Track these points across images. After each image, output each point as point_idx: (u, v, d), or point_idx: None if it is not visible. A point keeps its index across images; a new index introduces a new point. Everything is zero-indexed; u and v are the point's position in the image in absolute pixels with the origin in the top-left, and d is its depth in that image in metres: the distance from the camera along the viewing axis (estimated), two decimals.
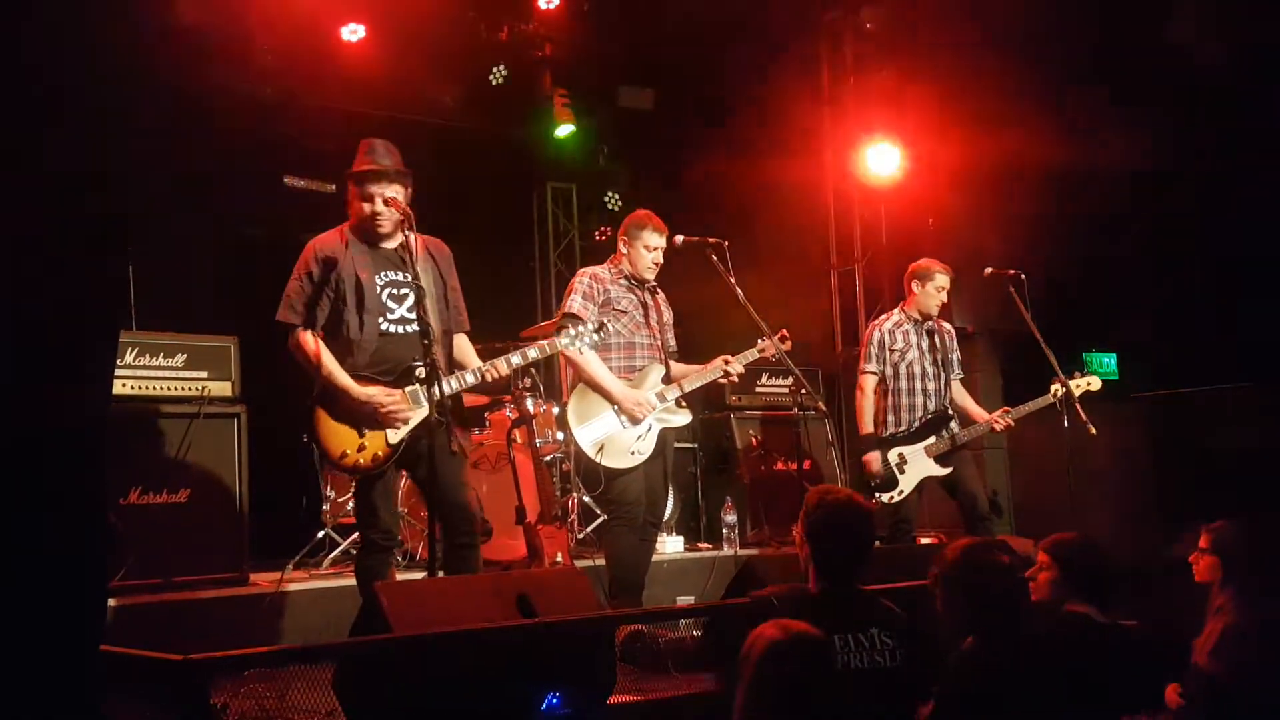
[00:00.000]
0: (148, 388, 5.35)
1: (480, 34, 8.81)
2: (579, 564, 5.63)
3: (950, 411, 6.17)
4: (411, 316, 4.46)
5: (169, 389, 5.39)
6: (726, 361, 5.38)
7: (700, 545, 7.20)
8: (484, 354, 4.74)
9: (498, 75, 8.94)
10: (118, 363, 5.20)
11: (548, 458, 6.83)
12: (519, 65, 9.01)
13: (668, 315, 5.52)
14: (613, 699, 3.87)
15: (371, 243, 4.52)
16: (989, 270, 6.27)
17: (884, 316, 6.40)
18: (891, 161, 8.78)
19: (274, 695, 3.83)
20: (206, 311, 6.46)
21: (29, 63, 2.43)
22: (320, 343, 4.44)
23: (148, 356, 5.38)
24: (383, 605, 3.55)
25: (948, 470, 6.04)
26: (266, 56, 7.82)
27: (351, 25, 8.15)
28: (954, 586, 3.17)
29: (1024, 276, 6.13)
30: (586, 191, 10.50)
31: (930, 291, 6.18)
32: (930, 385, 6.14)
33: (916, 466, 6.03)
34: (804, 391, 5.58)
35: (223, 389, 5.54)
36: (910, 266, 6.34)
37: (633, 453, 5.16)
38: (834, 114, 9.23)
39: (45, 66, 2.46)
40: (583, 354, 5.13)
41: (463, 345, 4.73)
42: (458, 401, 4.56)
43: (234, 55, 7.70)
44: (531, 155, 9.83)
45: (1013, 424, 6.10)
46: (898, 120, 8.72)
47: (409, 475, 4.62)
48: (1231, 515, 4.16)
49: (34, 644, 2.36)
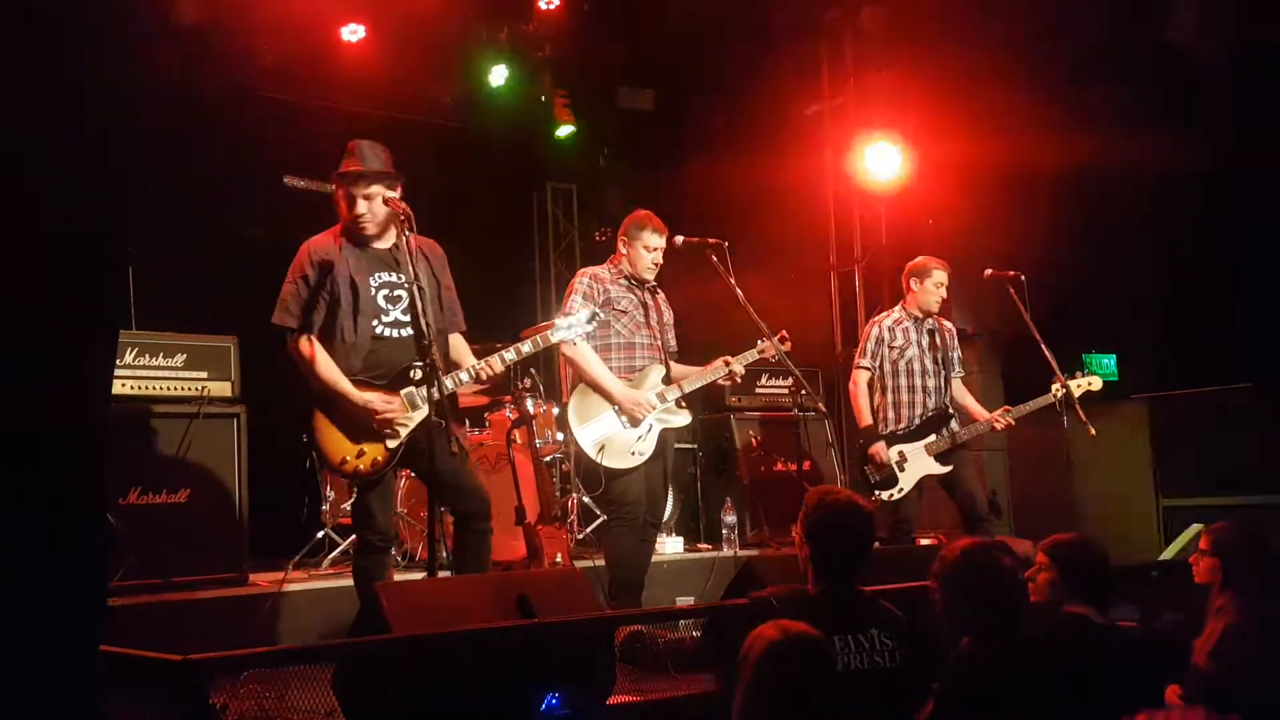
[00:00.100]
0: (147, 388, 5.35)
1: (480, 34, 8.82)
2: (579, 564, 5.63)
3: (950, 410, 6.17)
4: (406, 319, 4.46)
5: (169, 389, 5.40)
6: (727, 362, 5.38)
7: (700, 546, 7.19)
8: (484, 354, 4.73)
9: (498, 76, 8.95)
10: (117, 363, 5.20)
11: (547, 458, 6.83)
12: (519, 66, 9.01)
13: (668, 315, 5.51)
14: (612, 699, 3.87)
15: (364, 244, 4.50)
16: (989, 271, 6.26)
17: (884, 314, 6.41)
18: (891, 162, 8.79)
19: (273, 695, 3.83)
20: (206, 311, 6.45)
21: (29, 63, 2.43)
22: (318, 347, 4.42)
23: (147, 356, 5.38)
24: (382, 605, 3.55)
25: (948, 468, 6.03)
26: (266, 56, 7.82)
27: (352, 25, 8.16)
28: (954, 587, 3.17)
29: (1023, 278, 6.13)
30: (587, 192, 10.49)
31: (929, 288, 6.18)
32: (930, 383, 6.14)
33: (916, 464, 6.03)
34: (804, 392, 5.58)
35: (222, 389, 5.54)
36: (907, 265, 6.34)
37: (633, 453, 5.16)
38: (834, 115, 9.23)
39: (46, 67, 2.46)
40: (580, 350, 5.13)
41: (458, 345, 4.72)
42: (453, 401, 4.56)
43: (234, 55, 7.71)
44: (532, 156, 9.83)
45: (1013, 423, 6.09)
46: (898, 121, 8.72)
47: (414, 472, 4.61)
48: (1232, 517, 4.17)
49: (34, 644, 2.36)
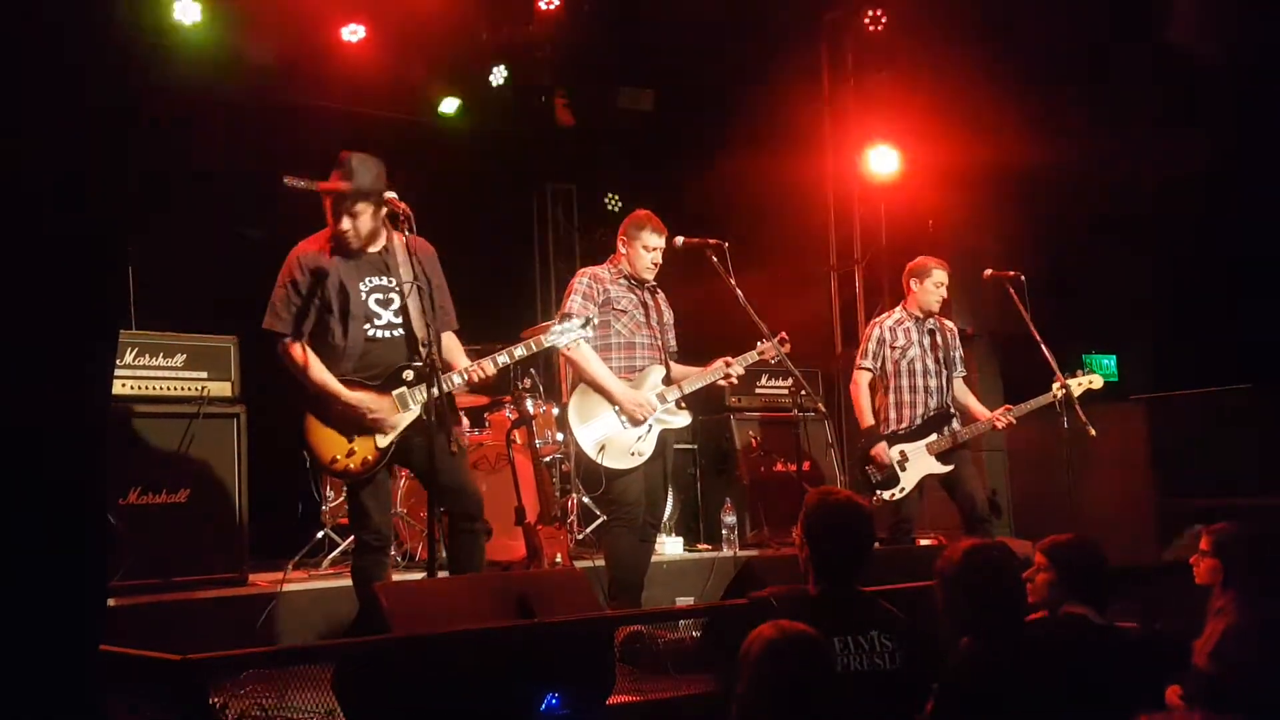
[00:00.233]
0: (147, 387, 5.35)
1: (480, 35, 8.81)
2: (578, 565, 5.62)
3: (952, 409, 6.16)
4: (398, 321, 4.48)
5: (168, 389, 5.39)
6: (728, 363, 5.38)
7: (700, 546, 7.19)
8: (482, 355, 4.73)
9: (498, 76, 8.95)
10: (117, 362, 5.20)
11: (547, 458, 6.83)
12: (519, 66, 9.01)
13: (668, 315, 5.51)
14: (612, 699, 3.87)
15: (352, 251, 4.52)
16: (989, 272, 6.26)
17: (885, 314, 6.41)
18: (891, 163, 8.80)
19: (273, 695, 3.83)
20: (206, 311, 6.45)
21: (29, 63, 2.43)
22: (308, 350, 4.43)
23: (147, 356, 5.38)
24: (382, 605, 3.55)
25: (949, 468, 6.02)
26: (266, 56, 7.82)
27: (352, 26, 8.16)
28: (956, 587, 3.17)
29: (1023, 278, 6.13)
30: (586, 192, 10.49)
31: (929, 288, 6.18)
32: (932, 383, 6.14)
33: (918, 464, 6.02)
34: (804, 393, 5.58)
35: (222, 389, 5.54)
36: (907, 265, 6.34)
37: (633, 453, 5.15)
38: (834, 115, 9.24)
39: (46, 67, 2.46)
40: (580, 350, 5.13)
41: (450, 344, 4.70)
42: (450, 401, 4.54)
43: (235, 55, 7.71)
44: (532, 156, 9.83)
45: (1014, 422, 6.09)
46: (898, 121, 8.72)
47: (412, 471, 4.62)
48: (1232, 517, 4.17)
49: (34, 644, 2.36)
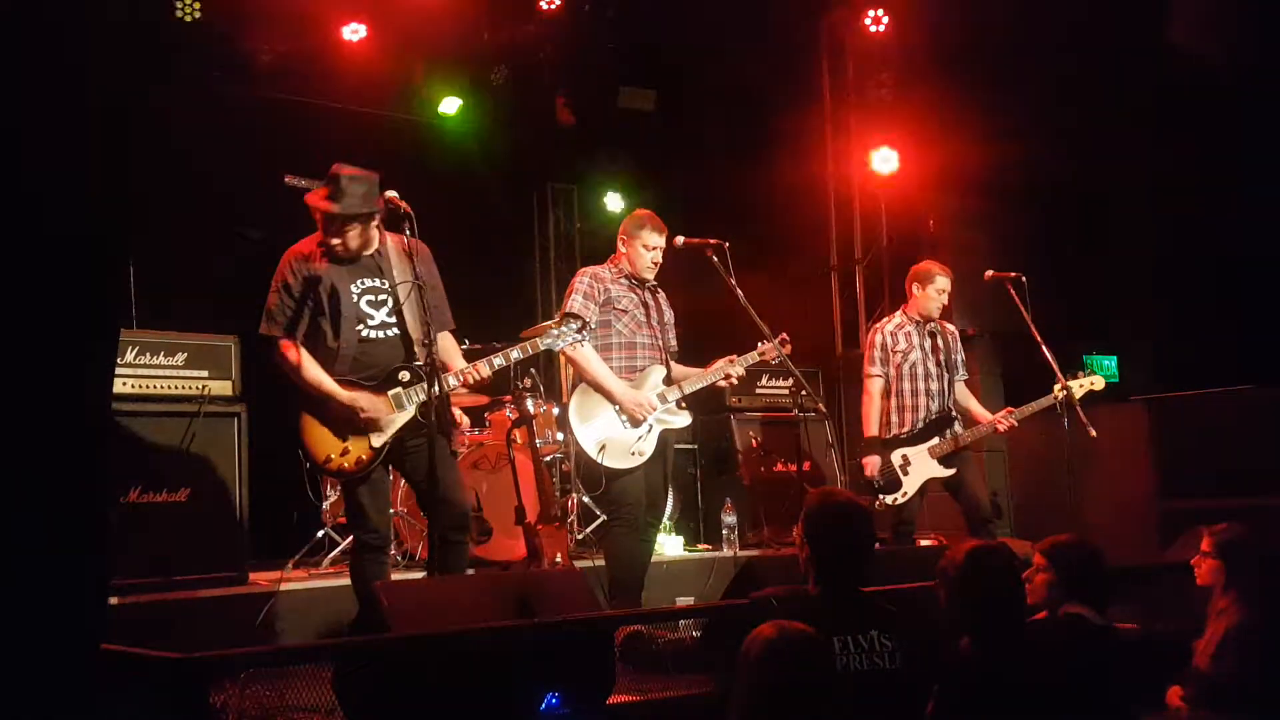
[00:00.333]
0: (148, 386, 5.34)
1: (481, 34, 8.81)
2: (578, 564, 5.62)
3: (954, 413, 6.15)
4: (392, 321, 4.51)
5: (169, 388, 5.39)
6: (731, 361, 5.37)
7: (700, 546, 7.19)
8: (482, 354, 4.73)
9: (499, 76, 8.94)
10: (118, 361, 5.19)
11: (548, 458, 6.82)
12: (520, 66, 9.01)
13: (668, 315, 5.50)
14: (612, 699, 3.87)
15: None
16: (989, 273, 6.26)
17: (885, 319, 6.40)
18: (892, 163, 8.80)
19: (274, 695, 3.83)
20: (207, 310, 6.45)
21: (29, 63, 2.43)
22: (303, 351, 4.46)
23: (148, 355, 5.38)
24: (382, 604, 3.55)
25: (951, 471, 6.02)
26: (267, 56, 7.82)
27: (353, 25, 8.16)
28: (957, 588, 3.17)
29: (1024, 279, 6.12)
30: (587, 192, 10.49)
31: (931, 294, 6.17)
32: (934, 386, 6.13)
33: (920, 468, 6.01)
34: (804, 393, 5.57)
35: (223, 388, 5.54)
36: (910, 269, 6.34)
37: (634, 453, 5.15)
38: (835, 115, 9.24)
39: (46, 67, 2.46)
40: (581, 350, 5.13)
41: (446, 345, 4.70)
42: (444, 402, 4.55)
43: (235, 55, 7.71)
44: (532, 156, 9.82)
45: (1016, 424, 6.08)
46: (899, 122, 8.73)
47: (403, 475, 4.63)
48: (1234, 518, 4.17)
49: (34, 644, 2.36)
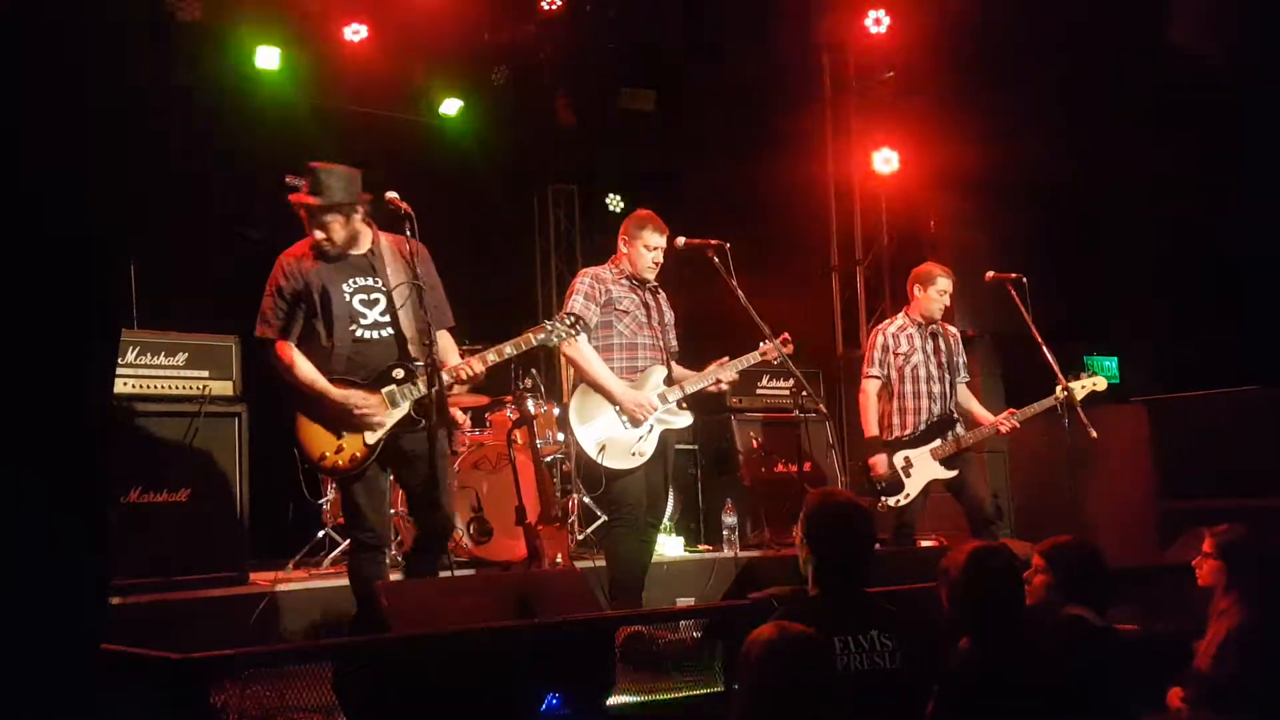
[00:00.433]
0: (149, 387, 5.35)
1: (482, 35, 8.82)
2: (579, 565, 5.62)
3: (955, 414, 6.14)
4: (385, 320, 4.51)
5: (170, 388, 5.40)
6: (721, 365, 5.37)
7: (700, 547, 7.19)
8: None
9: (499, 76, 8.94)
10: (119, 362, 5.19)
11: (548, 458, 6.82)
12: (520, 66, 9.01)
13: (669, 316, 5.50)
14: (612, 700, 3.87)
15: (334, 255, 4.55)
16: (990, 274, 6.25)
17: (887, 321, 6.39)
18: (892, 163, 8.80)
19: (274, 695, 3.83)
20: (207, 311, 6.45)
21: (30, 63, 2.43)
22: (296, 351, 4.48)
23: (149, 355, 5.38)
24: (382, 604, 3.55)
25: (953, 473, 6.00)
26: (267, 56, 7.82)
27: (354, 26, 8.17)
28: (959, 589, 3.17)
29: (1025, 279, 6.12)
30: (588, 193, 10.49)
31: (933, 295, 6.16)
32: (935, 388, 6.12)
33: (922, 470, 6.00)
34: (805, 393, 5.57)
35: (224, 388, 5.54)
36: (912, 271, 6.33)
37: (634, 454, 5.15)
38: (835, 115, 9.23)
39: (46, 67, 2.46)
40: (581, 351, 5.13)
41: (444, 344, 4.68)
42: (440, 401, 4.54)
43: (235, 55, 7.72)
44: (533, 156, 9.83)
45: (1018, 425, 6.07)
46: (899, 122, 8.73)
47: (395, 477, 4.63)
48: (1234, 519, 4.17)
49: (34, 644, 2.35)
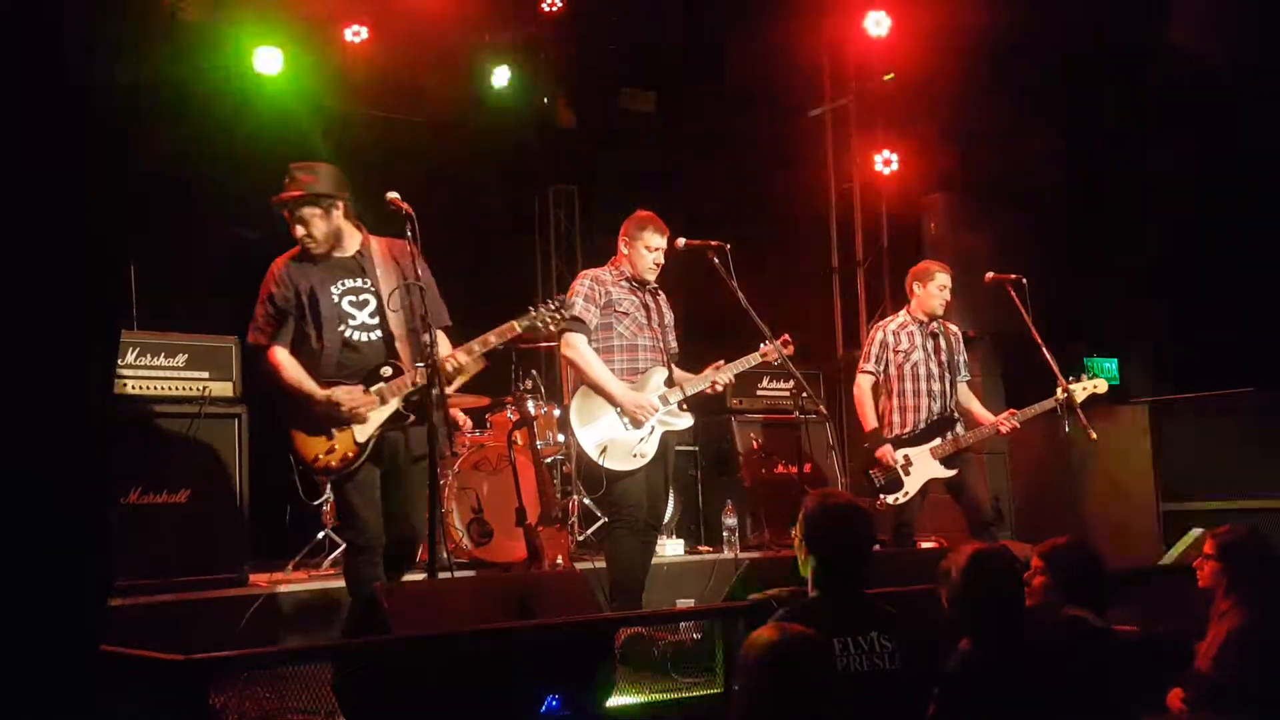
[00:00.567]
0: (149, 388, 5.35)
1: (483, 36, 8.82)
2: (579, 566, 5.62)
3: (955, 414, 6.14)
4: (374, 322, 4.54)
5: (170, 389, 5.40)
6: (717, 368, 5.37)
7: (700, 548, 7.19)
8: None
9: (500, 77, 8.95)
10: (119, 363, 5.20)
11: (549, 459, 6.82)
12: (521, 67, 9.01)
13: (669, 317, 5.50)
14: (612, 701, 3.87)
15: (322, 257, 4.56)
16: (990, 275, 6.26)
17: (889, 318, 6.40)
18: (892, 164, 8.81)
19: (273, 695, 3.83)
20: (207, 312, 6.45)
21: (29, 63, 2.43)
22: (285, 355, 4.51)
23: (149, 356, 5.39)
24: (382, 606, 3.55)
25: (952, 472, 6.00)
26: (268, 57, 7.82)
27: (354, 26, 8.17)
28: (960, 590, 3.17)
29: (1025, 280, 6.12)
30: (588, 194, 10.49)
31: (932, 291, 6.17)
32: (936, 387, 6.11)
33: (921, 468, 6.00)
34: (805, 395, 5.57)
35: (224, 389, 5.55)
36: (910, 270, 6.34)
37: (635, 455, 5.15)
38: (836, 117, 9.24)
39: (46, 67, 2.46)
40: (581, 352, 5.14)
41: (439, 342, 4.65)
42: (426, 397, 4.50)
43: (236, 56, 7.71)
44: (534, 157, 9.83)
45: (1018, 426, 6.07)
46: (899, 123, 8.73)
47: (383, 481, 4.62)
48: (1234, 520, 4.17)
49: (34, 644, 2.35)
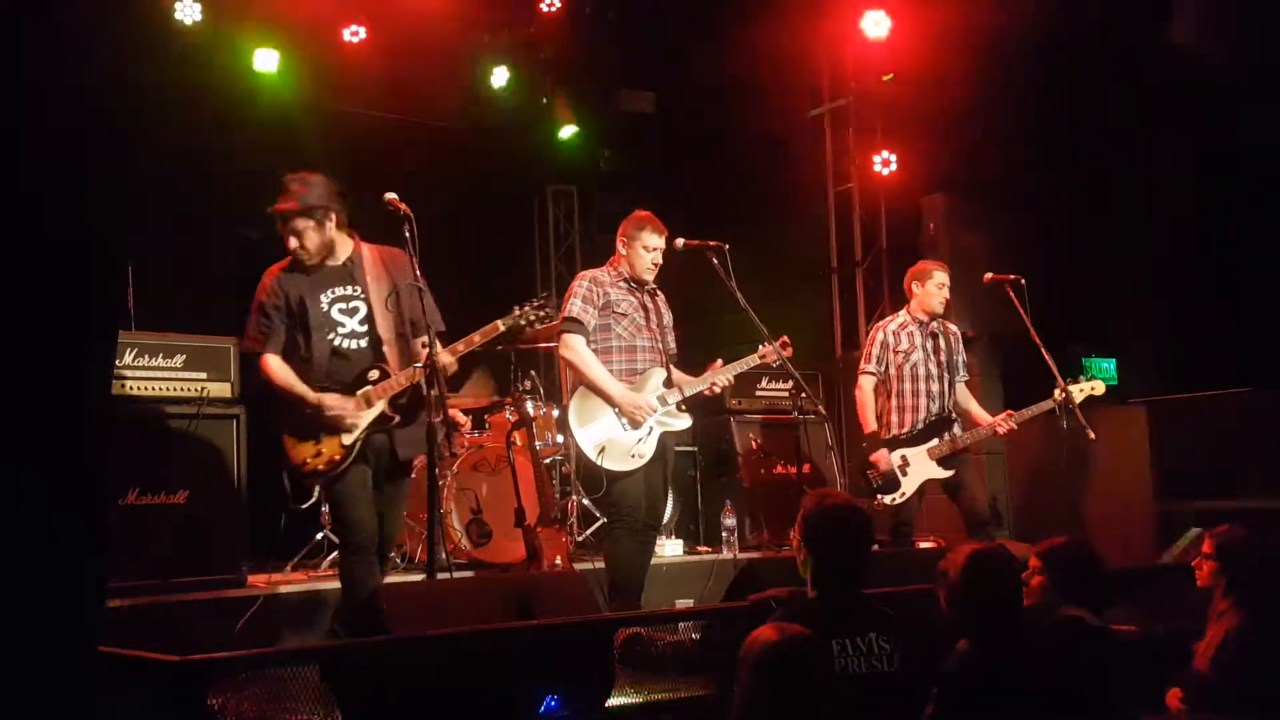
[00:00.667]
0: (147, 388, 5.35)
1: (482, 36, 8.82)
2: (578, 567, 5.62)
3: (953, 414, 6.14)
4: (363, 330, 4.58)
5: (168, 389, 5.40)
6: (716, 370, 5.36)
7: (699, 548, 7.19)
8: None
9: (499, 78, 8.95)
10: (117, 363, 5.20)
11: (547, 460, 6.82)
12: (520, 68, 9.02)
13: (668, 318, 5.49)
14: (611, 701, 3.87)
15: (317, 265, 4.60)
16: (989, 275, 6.26)
17: (889, 318, 6.39)
18: (891, 165, 8.81)
19: (271, 696, 3.82)
20: (206, 312, 6.45)
21: (29, 63, 2.43)
22: (276, 361, 4.55)
23: (147, 357, 5.39)
24: (382, 606, 3.55)
25: (950, 473, 6.00)
26: (268, 58, 7.82)
27: (353, 27, 8.17)
28: (958, 590, 3.17)
29: (1024, 281, 6.12)
30: (587, 194, 10.50)
31: (931, 290, 6.17)
32: (934, 387, 6.11)
33: (919, 469, 6.00)
34: (804, 395, 5.57)
35: (222, 390, 5.55)
36: (908, 270, 6.34)
37: (634, 455, 5.15)
38: (835, 118, 9.24)
39: (45, 67, 2.46)
40: (579, 353, 5.14)
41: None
42: (416, 397, 4.54)
43: (235, 56, 7.72)
44: (533, 158, 9.83)
45: (1015, 427, 6.07)
46: (898, 123, 8.73)
47: (373, 484, 4.63)
48: (1233, 520, 4.17)
49: (34, 644, 2.36)
